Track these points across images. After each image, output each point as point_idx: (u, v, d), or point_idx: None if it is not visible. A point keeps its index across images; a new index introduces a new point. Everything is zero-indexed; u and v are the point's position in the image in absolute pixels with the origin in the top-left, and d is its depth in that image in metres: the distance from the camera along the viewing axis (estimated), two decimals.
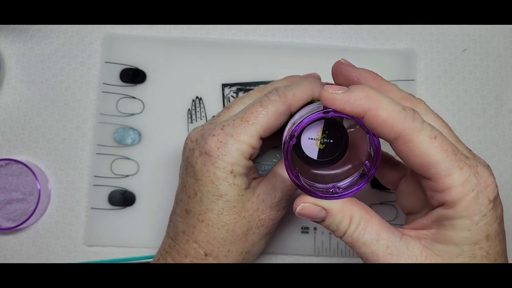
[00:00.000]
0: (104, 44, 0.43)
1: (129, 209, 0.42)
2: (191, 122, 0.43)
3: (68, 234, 0.42)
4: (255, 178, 0.35)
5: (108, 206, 0.42)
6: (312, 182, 0.29)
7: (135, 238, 0.41)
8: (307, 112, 0.28)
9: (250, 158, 0.33)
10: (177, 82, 0.43)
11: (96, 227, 0.41)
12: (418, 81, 0.43)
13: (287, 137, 0.27)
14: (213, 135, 0.32)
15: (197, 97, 0.43)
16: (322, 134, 0.28)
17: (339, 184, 0.29)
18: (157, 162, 0.42)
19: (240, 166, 0.32)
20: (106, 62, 0.43)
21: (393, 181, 0.33)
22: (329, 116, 0.26)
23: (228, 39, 0.44)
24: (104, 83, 0.43)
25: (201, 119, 0.43)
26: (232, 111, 0.35)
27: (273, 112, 0.32)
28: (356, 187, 0.28)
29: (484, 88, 0.43)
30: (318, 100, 0.34)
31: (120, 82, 0.43)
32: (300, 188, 0.28)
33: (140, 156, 0.42)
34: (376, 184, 0.42)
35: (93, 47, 0.44)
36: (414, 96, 0.30)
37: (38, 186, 0.40)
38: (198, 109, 0.43)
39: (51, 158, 0.42)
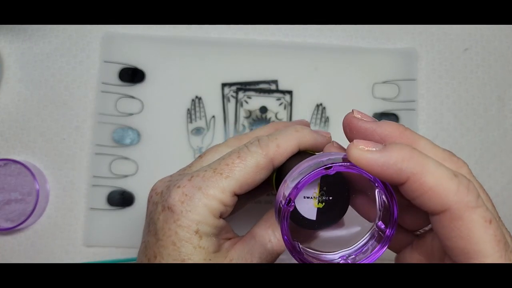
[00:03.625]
0: (103, 44, 0.43)
1: (128, 210, 0.41)
2: (191, 122, 0.42)
3: (67, 235, 0.41)
4: (229, 239, 0.29)
5: (107, 206, 0.41)
6: (316, 253, 0.24)
7: (134, 238, 0.41)
8: (304, 170, 0.23)
9: (221, 217, 0.28)
10: (176, 82, 0.43)
11: (95, 227, 0.41)
12: (419, 81, 0.43)
13: (283, 202, 0.22)
14: (178, 186, 0.27)
15: (196, 97, 0.43)
16: (320, 191, 0.24)
17: (347, 253, 0.24)
18: (156, 162, 0.42)
19: (208, 225, 0.27)
20: (105, 62, 0.43)
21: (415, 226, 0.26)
22: (333, 173, 0.21)
23: (227, 39, 0.43)
24: (103, 83, 0.42)
25: (200, 119, 0.42)
26: (206, 160, 0.30)
27: (252, 165, 0.27)
28: (372, 255, 0.23)
29: (485, 88, 0.43)
30: (309, 151, 0.29)
31: (119, 82, 0.42)
32: (302, 262, 0.23)
33: (139, 156, 0.42)
34: None
35: (92, 46, 0.43)
36: (455, 156, 0.24)
37: (37, 187, 0.40)
38: (197, 108, 0.43)
39: (50, 158, 0.42)
